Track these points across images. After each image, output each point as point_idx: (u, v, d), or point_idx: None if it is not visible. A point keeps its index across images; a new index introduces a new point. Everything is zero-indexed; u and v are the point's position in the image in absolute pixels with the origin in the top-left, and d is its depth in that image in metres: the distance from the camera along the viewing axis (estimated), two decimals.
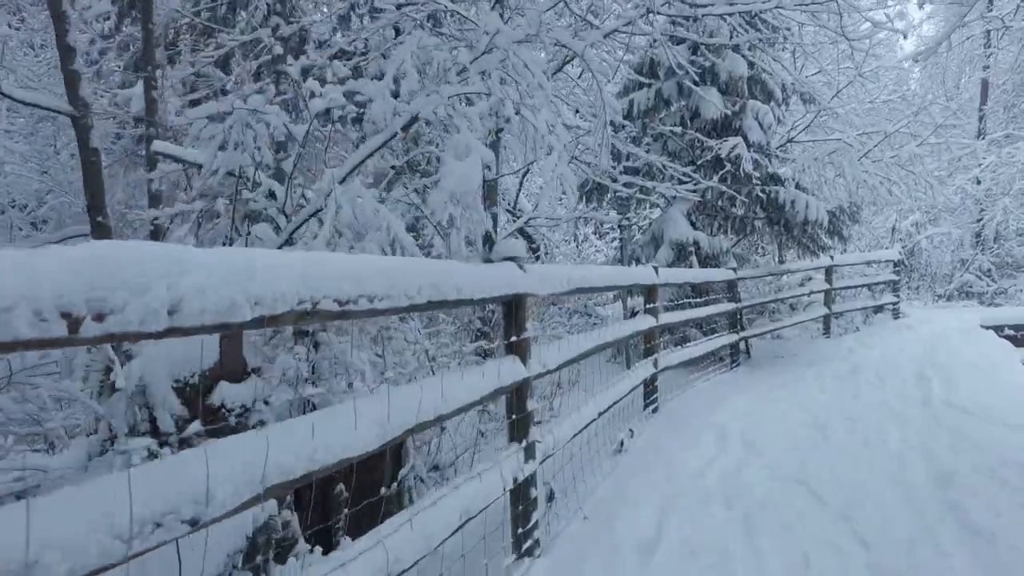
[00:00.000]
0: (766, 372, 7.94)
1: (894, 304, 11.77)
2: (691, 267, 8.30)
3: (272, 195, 3.17)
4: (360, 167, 2.96)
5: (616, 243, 14.43)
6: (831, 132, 10.47)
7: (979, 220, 16.56)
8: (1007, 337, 10.50)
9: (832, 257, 10.30)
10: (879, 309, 11.95)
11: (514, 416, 2.74)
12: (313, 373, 3.73)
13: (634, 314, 6.74)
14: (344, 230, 2.66)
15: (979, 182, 16.52)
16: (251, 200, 3.17)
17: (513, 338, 2.70)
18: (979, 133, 18.43)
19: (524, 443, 2.75)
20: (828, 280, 10.49)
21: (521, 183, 11.39)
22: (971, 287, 17.41)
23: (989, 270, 18.30)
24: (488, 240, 6.57)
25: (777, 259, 11.43)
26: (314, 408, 3.63)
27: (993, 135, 16.90)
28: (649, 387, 5.55)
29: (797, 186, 8.69)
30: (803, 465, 4.33)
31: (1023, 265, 18.54)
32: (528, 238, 11.74)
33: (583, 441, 3.89)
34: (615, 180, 8.20)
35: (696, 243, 8.39)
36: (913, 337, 10.04)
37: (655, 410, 5.58)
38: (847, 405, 6.02)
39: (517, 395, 2.75)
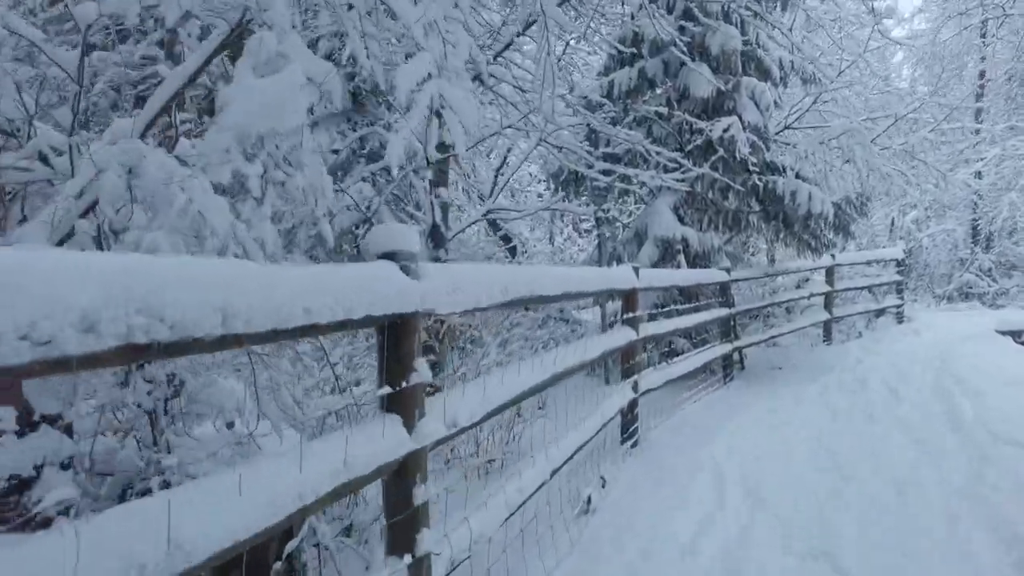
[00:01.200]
0: (764, 387, 6.92)
1: (898, 307, 10.82)
2: (679, 267, 7.29)
3: (44, 159, 2.08)
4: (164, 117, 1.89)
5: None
6: (831, 119, 9.50)
7: (980, 217, 15.68)
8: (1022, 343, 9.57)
9: (833, 256, 9.33)
10: (880, 312, 10.98)
11: (391, 518, 1.67)
12: (166, 415, 2.65)
13: (612, 324, 5.71)
14: (106, 208, 1.59)
15: (980, 176, 15.64)
16: (12, 168, 2.08)
17: (386, 389, 1.63)
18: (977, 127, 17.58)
19: (409, 558, 1.68)
20: (829, 281, 9.50)
21: (497, 173, 10.29)
22: (971, 287, 16.61)
23: (990, 269, 17.54)
24: (435, 236, 5.49)
25: (769, 258, 10.44)
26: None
27: (996, 126, 16.01)
28: (628, 416, 4.50)
29: (797, 176, 7.69)
30: (824, 526, 3.30)
31: (1017, 265, 17.72)
32: (496, 228, 10.68)
33: (529, 510, 2.83)
34: (591, 167, 7.15)
35: (684, 240, 7.36)
36: (922, 343, 9.08)
37: (635, 444, 4.53)
38: (863, 431, 5.00)
39: (395, 482, 1.68)
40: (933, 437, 4.73)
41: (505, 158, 10.75)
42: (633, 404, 4.51)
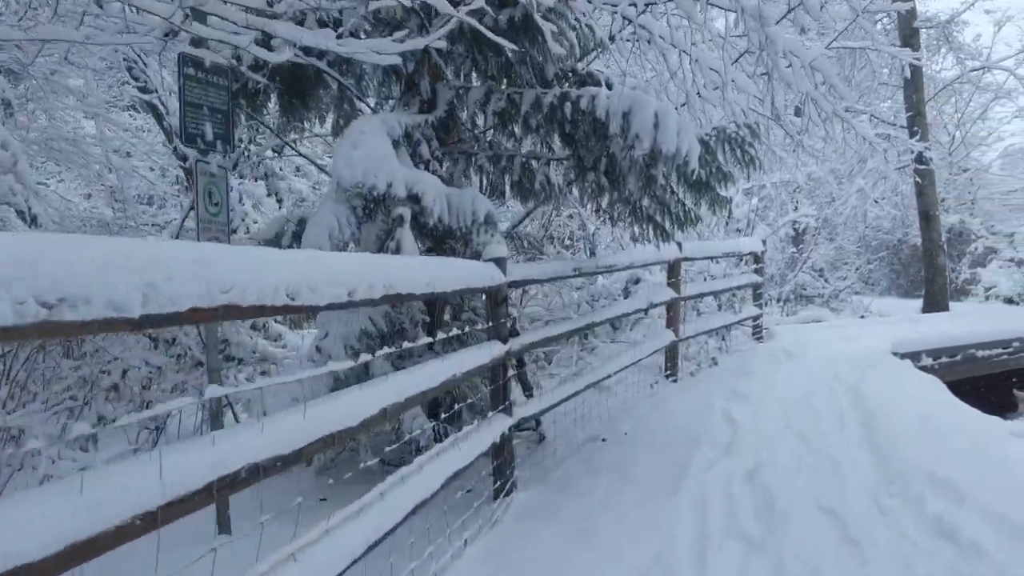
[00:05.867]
0: (578, 524, 3.17)
1: (756, 319, 7.78)
2: (397, 251, 3.38)
3: None
4: None
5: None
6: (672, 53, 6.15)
7: (822, 207, 13.62)
8: (924, 369, 6.86)
9: (680, 245, 5.95)
10: (730, 326, 7.89)
11: None
12: None
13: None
14: None
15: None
16: None
17: None
18: (798, 111, 15.76)
19: None
20: (674, 284, 6.09)
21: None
22: (804, 289, 14.74)
23: (821, 269, 15.85)
24: None
25: (588, 250, 6.99)
26: None
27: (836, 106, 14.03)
28: None
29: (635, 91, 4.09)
30: None
31: (846, 261, 16.33)
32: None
33: None
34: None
35: (414, 197, 3.46)
36: (807, 375, 5.96)
37: None
38: None
39: None
40: None
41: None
42: None
